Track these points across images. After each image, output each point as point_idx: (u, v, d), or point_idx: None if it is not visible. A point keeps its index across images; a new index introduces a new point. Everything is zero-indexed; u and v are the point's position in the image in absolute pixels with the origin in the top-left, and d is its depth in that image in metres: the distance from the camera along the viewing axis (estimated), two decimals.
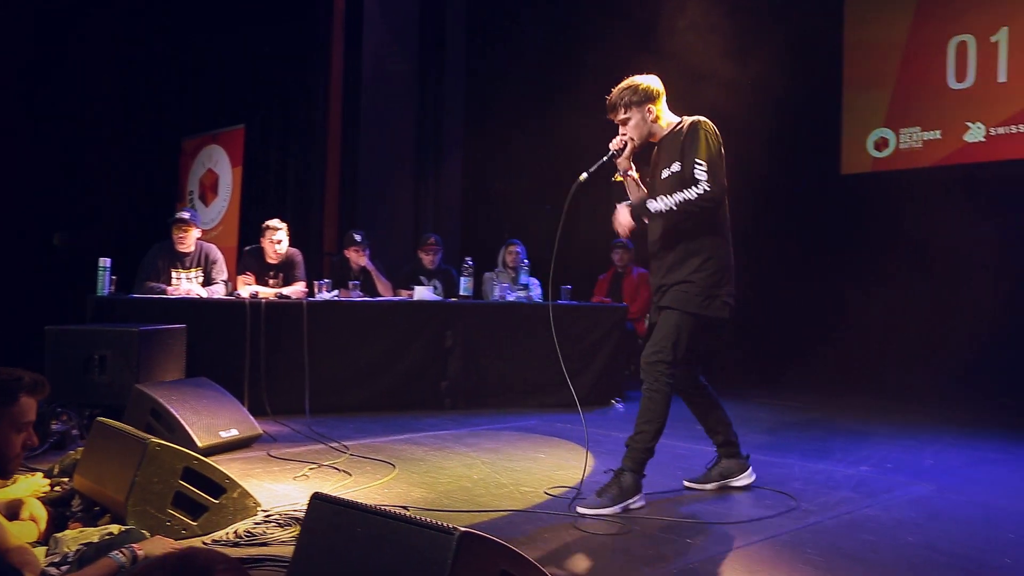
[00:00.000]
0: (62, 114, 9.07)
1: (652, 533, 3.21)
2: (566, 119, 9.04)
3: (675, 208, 3.53)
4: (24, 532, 2.70)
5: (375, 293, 6.71)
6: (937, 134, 8.12)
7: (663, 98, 3.73)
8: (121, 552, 2.37)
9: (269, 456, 4.43)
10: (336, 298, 6.17)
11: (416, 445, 4.84)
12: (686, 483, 4.03)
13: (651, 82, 3.71)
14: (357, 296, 6.33)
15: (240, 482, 3.22)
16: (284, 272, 6.45)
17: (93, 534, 2.69)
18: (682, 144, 3.62)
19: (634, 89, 3.67)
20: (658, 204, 3.57)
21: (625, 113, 3.68)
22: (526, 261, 7.15)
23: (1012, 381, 7.22)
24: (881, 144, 8.46)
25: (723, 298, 3.66)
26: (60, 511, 3.11)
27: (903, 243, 7.94)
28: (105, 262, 5.59)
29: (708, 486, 3.96)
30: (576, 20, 9.29)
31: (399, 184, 8.78)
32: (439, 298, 6.60)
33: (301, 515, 3.17)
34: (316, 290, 6.17)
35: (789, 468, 4.42)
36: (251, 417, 4.79)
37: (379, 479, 3.98)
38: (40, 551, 2.61)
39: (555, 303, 6.71)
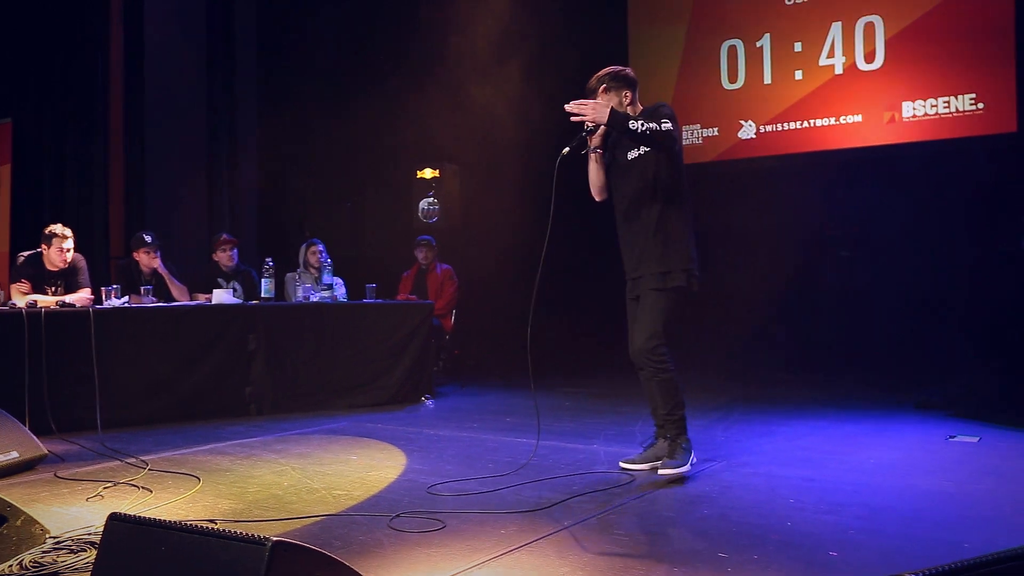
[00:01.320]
0: None
1: (466, 528, 3.25)
2: (362, 115, 8.96)
3: (641, 131, 3.69)
4: None
5: (170, 298, 6.38)
6: (715, 131, 8.72)
7: (637, 89, 4.04)
8: None
9: (56, 477, 4.11)
10: (127, 304, 5.81)
11: (221, 455, 4.65)
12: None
13: (629, 71, 4.05)
14: (150, 302, 5.99)
15: (24, 508, 2.97)
16: (66, 279, 6.00)
17: None
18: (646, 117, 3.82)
19: (614, 74, 3.98)
20: (634, 122, 3.70)
21: (604, 95, 3.96)
22: (329, 260, 7.03)
23: (786, 355, 7.91)
24: None
25: (694, 272, 3.99)
26: None
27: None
28: None
29: (643, 467, 4.12)
30: (369, 14, 9.21)
31: (191, 182, 8.38)
32: (239, 301, 6.36)
33: (97, 539, 2.99)
34: (104, 297, 5.78)
35: (594, 454, 4.61)
36: (34, 437, 4.41)
37: (183, 493, 3.79)
38: None
39: (359, 302, 6.66)
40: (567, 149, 3.92)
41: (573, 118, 3.84)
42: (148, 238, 6.47)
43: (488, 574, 2.73)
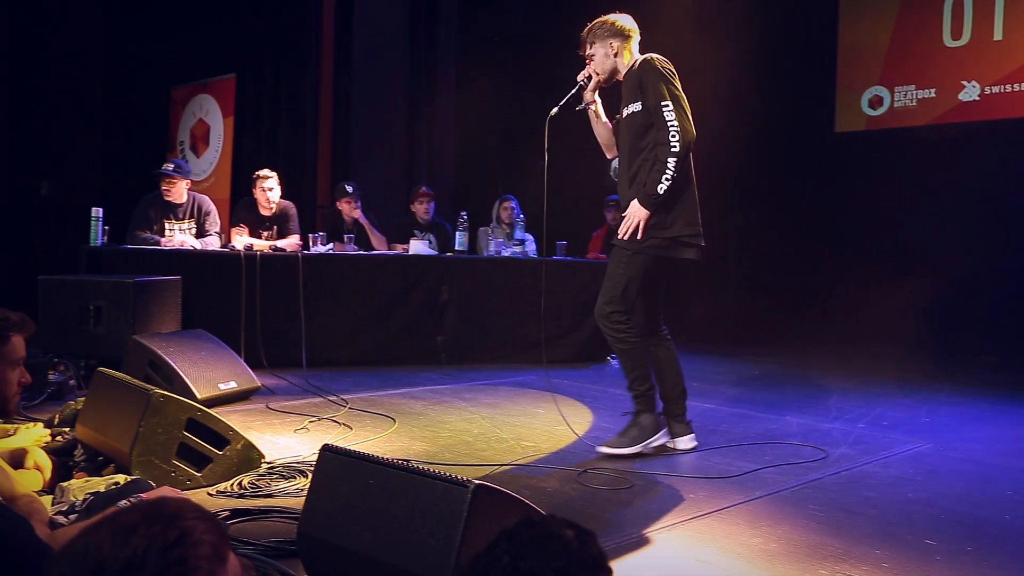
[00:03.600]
0: (47, 62, 8.91)
1: (654, 488, 3.22)
2: (559, 72, 8.95)
3: (675, 174, 3.52)
4: (30, 481, 2.69)
5: (369, 246, 6.66)
6: (932, 92, 8.07)
7: (632, 38, 3.78)
8: (129, 501, 2.36)
9: (268, 409, 4.42)
10: (331, 251, 6.13)
11: (414, 399, 4.84)
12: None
13: (619, 19, 3.77)
14: (352, 249, 6.28)
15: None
16: (278, 225, 6.39)
17: (99, 483, 2.68)
18: (640, 82, 3.63)
19: (601, 24, 3.76)
20: (661, 185, 3.53)
21: (590, 48, 3.77)
22: (521, 216, 7.10)
23: (998, 337, 7.29)
24: (876, 102, 8.40)
25: (681, 239, 3.66)
26: (63, 460, 3.10)
27: (896, 201, 7.95)
28: (97, 212, 5.51)
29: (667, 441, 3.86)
30: None
31: (392, 137, 8.69)
32: (435, 252, 6.56)
33: (304, 467, 3.19)
34: (311, 243, 6.11)
35: (787, 425, 4.45)
36: (249, 370, 4.77)
37: (380, 433, 3.98)
38: (46, 499, 2.60)
39: (550, 259, 6.70)
40: (556, 109, 3.80)
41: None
42: (349, 188, 6.75)
43: (678, 536, 2.70)
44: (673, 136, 3.52)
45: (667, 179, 3.52)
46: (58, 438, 3.29)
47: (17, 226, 8.80)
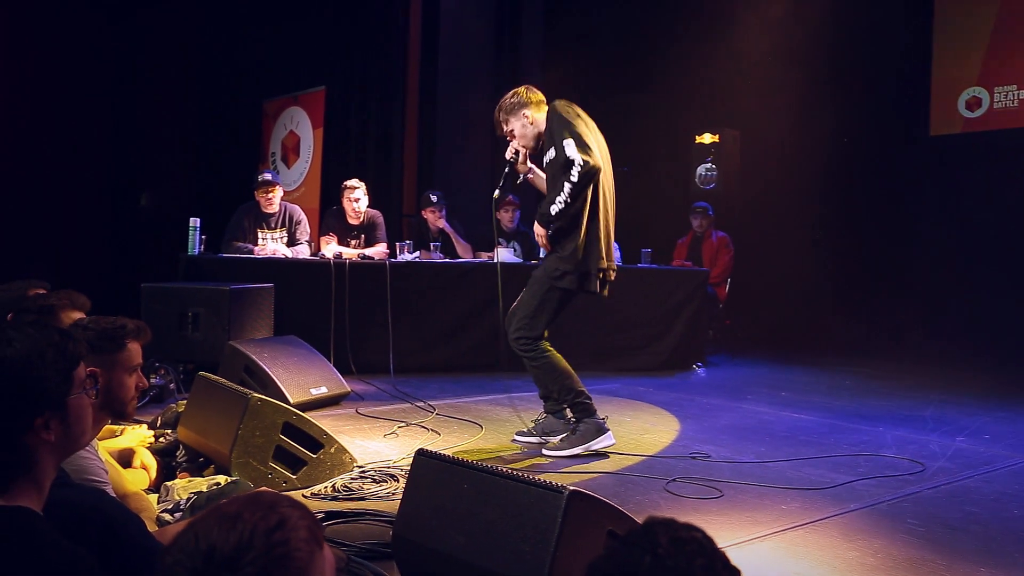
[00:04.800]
0: (147, 79, 9.29)
1: (744, 498, 3.17)
2: (643, 79, 8.92)
3: (569, 200, 3.69)
4: (137, 480, 2.81)
5: (455, 255, 6.73)
6: None
7: (541, 104, 3.95)
8: None
9: (358, 413, 4.51)
10: (417, 259, 6.22)
11: (500, 406, 4.87)
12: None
13: (523, 91, 3.99)
14: (438, 258, 6.36)
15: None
16: (366, 233, 6.51)
17: (201, 483, 2.79)
18: (550, 131, 3.81)
19: (508, 101, 3.96)
20: (555, 206, 3.72)
21: (507, 126, 3.97)
22: None
23: None
24: (974, 103, 8.12)
25: (589, 275, 3.81)
26: (166, 461, 3.22)
27: (995, 207, 7.67)
28: (195, 222, 5.71)
29: (533, 440, 3.94)
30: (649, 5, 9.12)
31: (476, 146, 8.76)
32: (519, 260, 6.59)
33: (395, 471, 3.25)
34: (398, 251, 6.22)
35: (881, 436, 4.33)
36: (339, 375, 4.87)
37: (468, 438, 4.02)
38: (152, 498, 2.71)
39: (634, 266, 6.66)
40: (497, 192, 4.04)
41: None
42: (434, 197, 6.84)
43: (771, 548, 2.66)
44: (574, 167, 3.65)
45: (560, 202, 3.70)
46: (161, 439, 3.42)
47: (120, 236, 9.18)
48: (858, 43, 8.32)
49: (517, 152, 4.00)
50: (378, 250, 6.36)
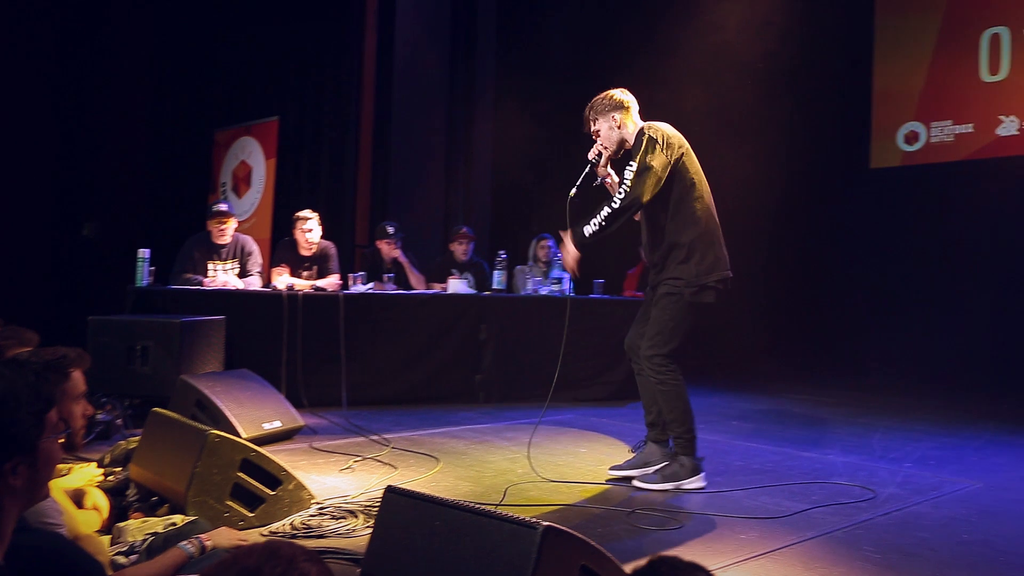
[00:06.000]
0: (94, 105, 9.14)
1: (704, 528, 3.20)
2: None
3: (604, 224, 3.76)
4: (89, 521, 2.72)
5: (408, 286, 6.71)
6: (970, 127, 8.06)
7: (632, 109, 3.95)
8: (190, 543, 2.38)
9: (312, 448, 4.45)
10: (371, 291, 6.19)
11: (456, 438, 4.85)
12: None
13: (616, 94, 3.93)
14: (391, 289, 6.34)
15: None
16: (318, 264, 6.47)
17: (156, 524, 2.72)
18: (637, 147, 3.79)
19: (602, 100, 3.92)
20: (589, 227, 3.78)
21: (595, 125, 3.93)
22: (558, 255, 7.12)
23: None
24: (912, 138, 8.40)
25: (710, 285, 3.81)
26: (117, 500, 3.13)
27: (933, 238, 7.91)
28: (144, 253, 5.61)
29: (633, 472, 3.93)
30: (602, 18, 9.28)
31: (430, 177, 8.79)
32: (473, 291, 6.60)
33: (354, 508, 3.21)
34: (351, 282, 6.18)
35: (832, 464, 4.41)
36: (293, 409, 4.81)
37: (424, 472, 3.99)
38: (104, 540, 2.63)
39: (586, 297, 6.72)
40: (574, 190, 3.92)
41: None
42: (390, 229, 6.83)
43: None
44: (620, 193, 3.71)
45: (595, 224, 3.75)
46: (110, 477, 3.33)
47: (64, 267, 8.97)
48: (803, 78, 8.58)
49: (600, 153, 3.95)
50: (331, 281, 6.31)
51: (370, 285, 6.27)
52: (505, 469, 4.12)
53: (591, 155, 3.97)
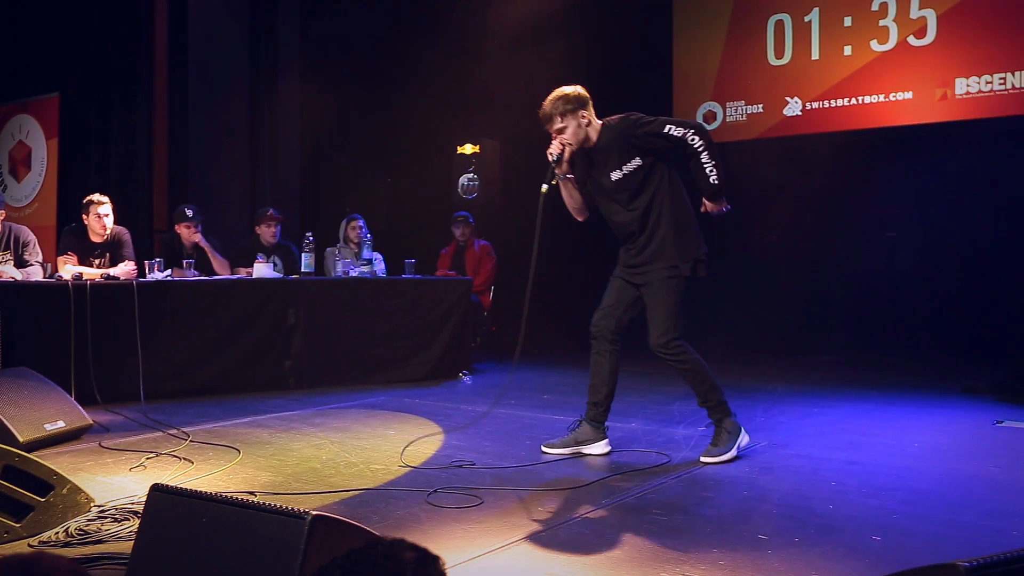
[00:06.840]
0: None
1: (504, 504, 3.24)
2: (404, 91, 8.96)
3: (716, 161, 3.75)
4: None
5: (211, 271, 6.43)
6: (760, 108, 8.56)
7: (591, 103, 3.95)
8: None
9: (101, 447, 4.18)
10: (169, 278, 5.87)
11: (261, 428, 4.70)
12: (544, 448, 4.12)
13: (579, 90, 3.93)
14: (192, 275, 6.04)
15: (70, 477, 3.01)
16: (111, 252, 6.08)
17: None
18: (630, 143, 3.82)
19: (566, 98, 3.89)
20: (713, 177, 3.77)
21: (561, 122, 3.89)
22: (369, 236, 7.04)
23: (830, 337, 7.79)
24: (709, 117, 8.82)
25: (702, 259, 3.92)
26: None
27: (728, 211, 8.35)
28: None
29: (564, 451, 4.06)
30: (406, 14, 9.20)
31: (233, 156, 8.42)
32: (280, 275, 6.40)
33: (140, 508, 3.02)
34: (147, 270, 5.84)
35: (633, 432, 4.58)
36: (79, 407, 4.49)
37: (223, 465, 3.83)
38: None
39: (398, 277, 6.67)
40: (545, 187, 3.97)
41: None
42: (189, 212, 6.52)
43: (525, 551, 2.72)
44: (690, 140, 3.73)
45: (711, 170, 3.76)
46: None
47: None
48: (607, 60, 8.80)
49: (563, 150, 3.92)
50: (125, 269, 5.94)
51: (168, 272, 5.95)
52: (309, 456, 4.03)
53: (553, 152, 3.93)
